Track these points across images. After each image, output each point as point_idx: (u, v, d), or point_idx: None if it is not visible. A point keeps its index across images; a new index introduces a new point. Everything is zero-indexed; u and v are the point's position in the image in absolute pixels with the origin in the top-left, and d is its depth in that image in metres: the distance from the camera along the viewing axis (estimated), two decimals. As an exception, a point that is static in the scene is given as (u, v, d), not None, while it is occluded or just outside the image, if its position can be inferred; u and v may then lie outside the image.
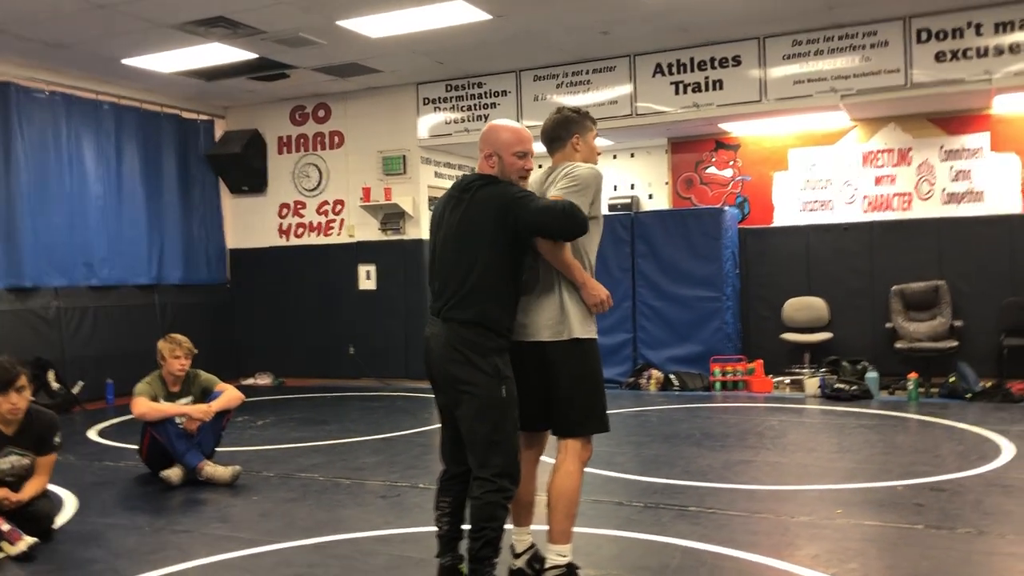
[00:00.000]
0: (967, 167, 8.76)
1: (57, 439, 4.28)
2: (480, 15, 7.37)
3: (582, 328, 3.26)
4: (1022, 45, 7.56)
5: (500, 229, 3.17)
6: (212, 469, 5.21)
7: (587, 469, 3.37)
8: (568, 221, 3.13)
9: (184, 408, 5.32)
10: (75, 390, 8.63)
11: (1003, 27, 7.61)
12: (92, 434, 7.15)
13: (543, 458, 3.51)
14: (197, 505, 4.84)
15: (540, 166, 3.51)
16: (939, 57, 7.82)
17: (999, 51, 7.63)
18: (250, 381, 10.57)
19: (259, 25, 7.54)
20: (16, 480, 4.13)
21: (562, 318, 3.25)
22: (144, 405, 5.24)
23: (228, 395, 5.51)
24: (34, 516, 4.09)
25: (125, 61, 8.52)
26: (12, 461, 4.13)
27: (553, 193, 3.27)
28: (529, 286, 3.31)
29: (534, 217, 3.14)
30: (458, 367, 3.19)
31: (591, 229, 3.27)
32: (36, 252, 8.53)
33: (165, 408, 5.27)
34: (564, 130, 3.48)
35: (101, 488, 5.26)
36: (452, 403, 3.27)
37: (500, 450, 3.17)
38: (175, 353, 5.44)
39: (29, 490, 4.12)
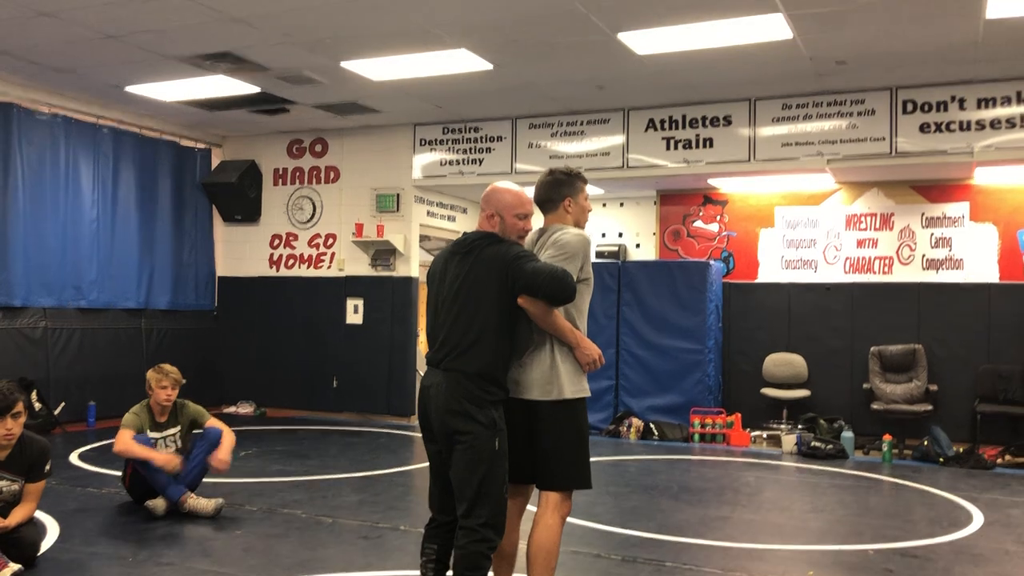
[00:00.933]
0: (947, 235, 8.99)
1: (47, 467, 4.33)
2: (483, 64, 7.56)
3: (572, 388, 3.38)
4: (1002, 121, 7.82)
5: (502, 287, 3.31)
6: (195, 502, 5.25)
7: (567, 519, 3.46)
8: (558, 285, 3.25)
9: (154, 456, 5.23)
10: (56, 411, 8.63)
11: (985, 103, 7.88)
12: (73, 458, 7.15)
13: (528, 507, 3.60)
14: (180, 538, 4.88)
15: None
16: (923, 128, 8.07)
17: (980, 125, 7.89)
18: (231, 409, 10.58)
19: (265, 62, 7.69)
20: (4, 506, 4.17)
21: (552, 377, 3.37)
22: (123, 443, 5.24)
23: (225, 441, 5.51)
24: (19, 542, 4.12)
25: (128, 88, 8.65)
26: (2, 487, 4.17)
27: (543, 260, 3.39)
28: (522, 344, 3.42)
29: (528, 279, 3.27)
30: (458, 418, 3.29)
31: (582, 291, 3.41)
32: (28, 272, 8.59)
33: (140, 451, 5.25)
34: (556, 192, 3.60)
35: (84, 515, 5.29)
36: (446, 452, 3.36)
37: (488, 501, 3.26)
38: (162, 383, 5.48)
39: (16, 516, 4.16)
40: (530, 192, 3.56)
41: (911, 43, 6.91)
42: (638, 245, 10.56)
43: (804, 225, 9.58)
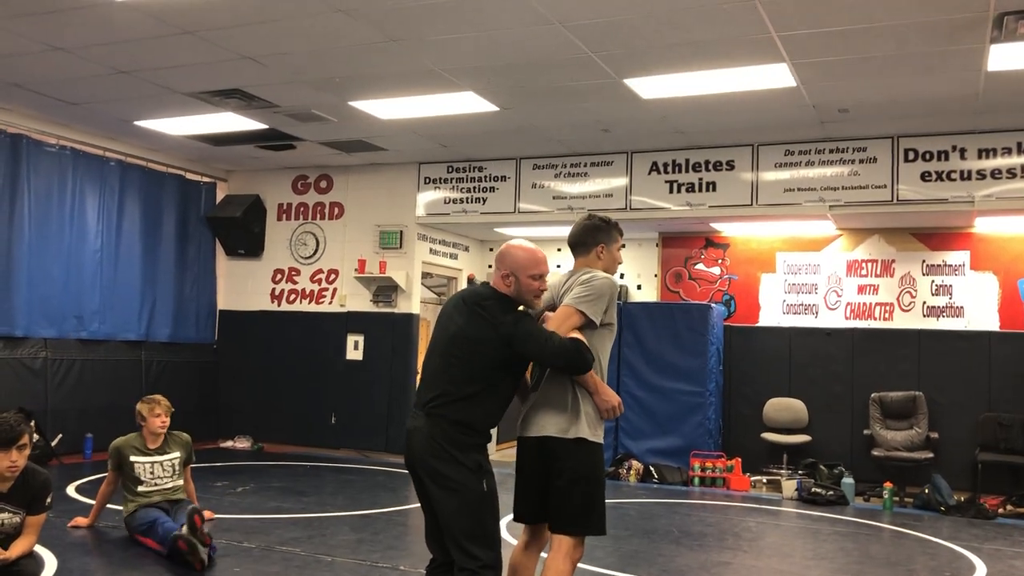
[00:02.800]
0: (948, 282, 9.03)
1: (49, 500, 4.31)
2: (489, 106, 7.65)
3: (590, 431, 3.38)
4: (1003, 171, 7.90)
5: (497, 353, 3.34)
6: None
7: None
8: (570, 359, 3.31)
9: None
10: (54, 443, 8.59)
11: (985, 153, 7.96)
12: (71, 490, 7.11)
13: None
14: (178, 574, 4.83)
15: (559, 266, 3.69)
16: (924, 176, 8.15)
17: (981, 175, 7.97)
18: (229, 444, 10.53)
19: (274, 100, 7.78)
20: (5, 538, 4.14)
21: (572, 417, 3.37)
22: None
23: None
24: (19, 575, 4.09)
25: (137, 122, 8.73)
26: (3, 519, 4.15)
27: (568, 300, 3.42)
28: (540, 383, 3.45)
29: (535, 351, 3.35)
30: (442, 463, 3.32)
31: (605, 335, 3.46)
32: (30, 302, 8.60)
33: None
34: (591, 237, 3.63)
35: (81, 550, 5.25)
36: (432, 496, 3.37)
37: (483, 543, 3.28)
38: (155, 411, 5.61)
39: (17, 549, 4.13)
40: (551, 247, 3.61)
41: (913, 94, 7.00)
42: (639, 286, 10.59)
43: (805, 270, 9.62)
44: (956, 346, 8.82)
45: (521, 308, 3.50)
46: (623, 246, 3.72)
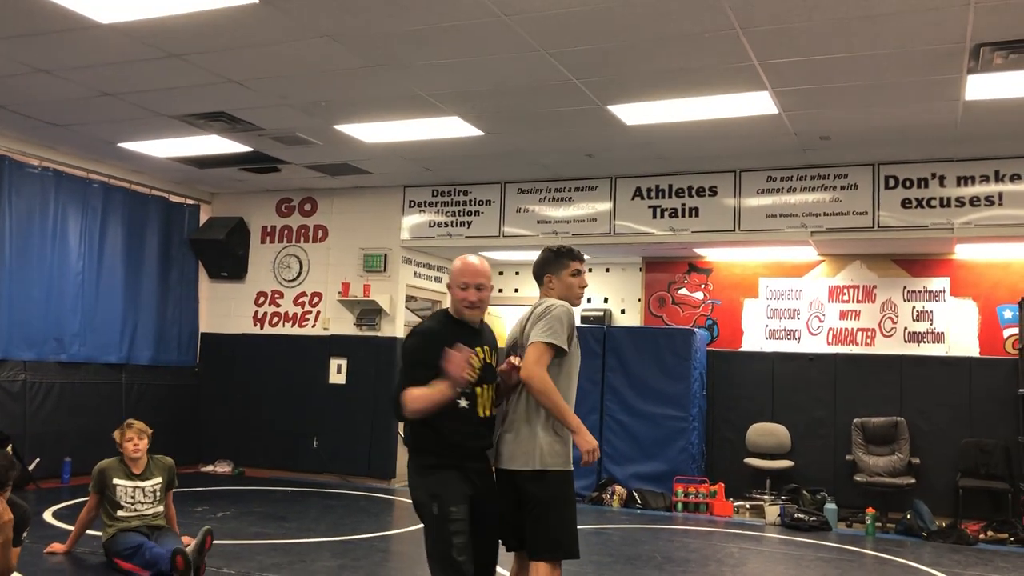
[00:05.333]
0: (929, 308, 9.10)
1: (25, 534, 4.24)
2: (474, 131, 7.68)
3: (551, 460, 3.43)
4: (981, 198, 8.00)
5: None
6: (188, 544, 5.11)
7: None
8: (393, 407, 3.44)
9: None
10: (31, 467, 8.48)
11: (965, 180, 8.06)
12: (48, 516, 7.01)
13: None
14: (155, 601, 4.78)
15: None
16: (905, 203, 8.23)
17: (960, 202, 8.06)
18: (209, 468, 10.44)
19: (259, 123, 7.78)
20: (-22, 568, 4.08)
21: (531, 448, 3.44)
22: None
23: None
24: (-8, 606, 4.03)
25: (121, 144, 8.71)
26: (-23, 549, 4.08)
27: (534, 337, 3.47)
28: (506, 415, 3.52)
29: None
30: (412, 490, 3.48)
31: (571, 359, 3.52)
32: (10, 324, 8.51)
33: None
34: (540, 270, 3.76)
35: (57, 576, 5.17)
36: None
37: (439, 566, 3.33)
38: (127, 436, 5.60)
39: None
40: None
41: (893, 122, 7.09)
42: (623, 311, 10.62)
43: (788, 296, 9.68)
44: (937, 372, 8.88)
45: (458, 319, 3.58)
46: (580, 271, 3.70)
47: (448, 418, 3.38)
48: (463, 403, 3.40)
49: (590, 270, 10.74)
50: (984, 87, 6.16)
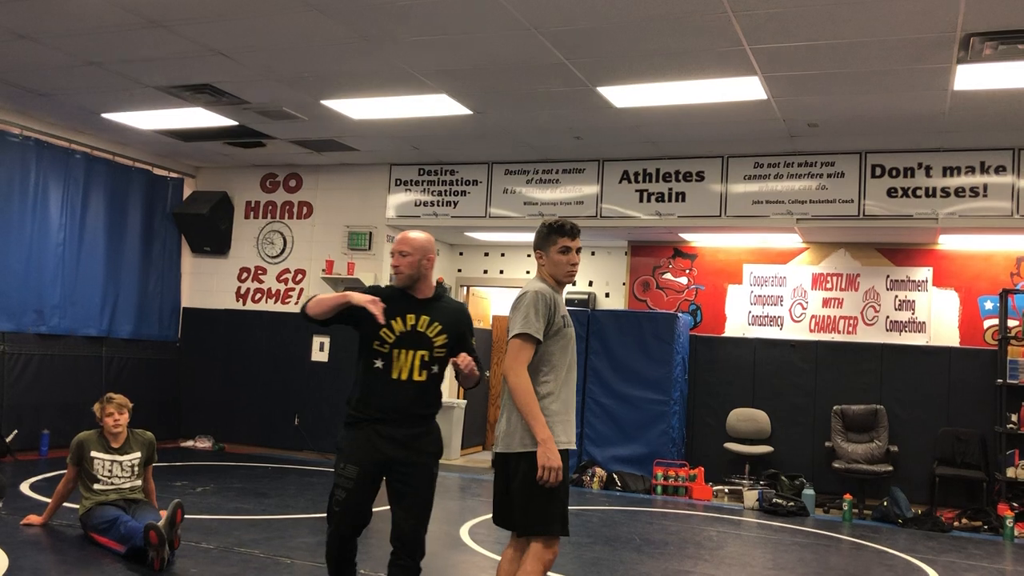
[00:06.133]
0: (911, 298, 9.15)
1: (0, 505, 4.19)
2: (462, 110, 7.64)
3: (532, 443, 3.38)
4: (966, 189, 8.03)
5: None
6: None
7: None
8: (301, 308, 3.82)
9: None
10: (9, 439, 8.42)
11: (950, 171, 8.09)
12: (24, 488, 6.96)
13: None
14: (134, 574, 4.75)
15: (528, 272, 3.70)
16: (891, 192, 8.26)
17: (945, 193, 8.09)
18: (189, 443, 10.40)
19: (244, 96, 7.70)
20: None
21: (510, 431, 3.47)
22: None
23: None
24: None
25: (105, 115, 8.60)
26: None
27: (511, 332, 3.51)
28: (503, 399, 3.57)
29: None
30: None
31: (554, 344, 3.48)
32: (-12, 295, 8.44)
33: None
34: (534, 248, 3.70)
35: (34, 548, 5.13)
36: None
37: (328, 513, 3.74)
38: (107, 410, 5.53)
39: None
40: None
41: (881, 110, 7.10)
42: (607, 295, 10.62)
43: (772, 282, 9.70)
44: (917, 361, 8.94)
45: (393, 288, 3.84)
46: (569, 248, 3.59)
47: (366, 377, 3.67)
48: (378, 363, 3.63)
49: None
50: (973, 77, 6.18)
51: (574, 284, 3.66)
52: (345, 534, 3.76)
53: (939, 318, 9.05)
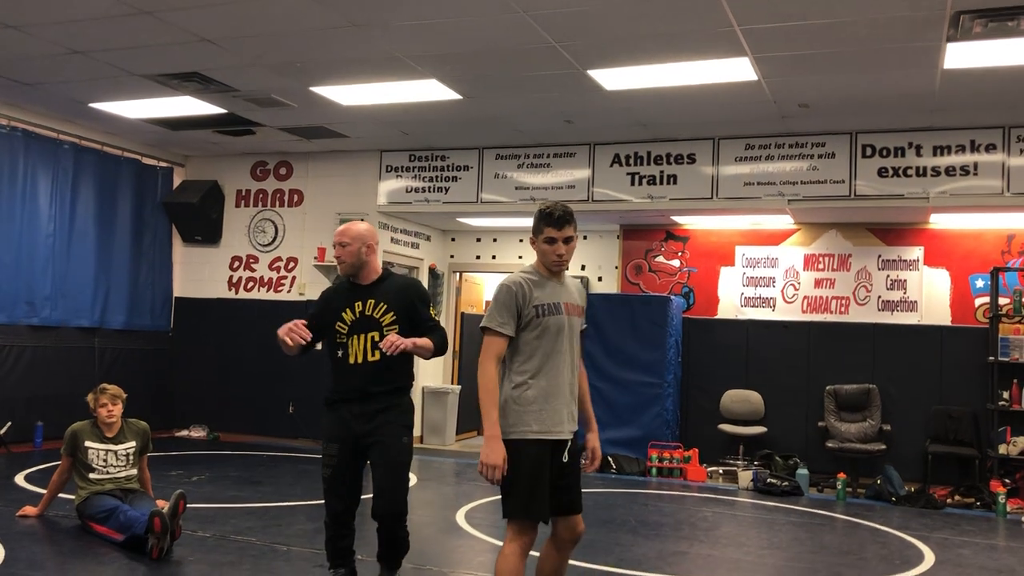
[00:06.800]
0: (903, 277, 9.18)
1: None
2: (452, 95, 7.61)
3: (506, 429, 3.37)
4: (957, 168, 8.05)
5: None
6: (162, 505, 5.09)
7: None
8: None
9: None
10: (2, 431, 8.41)
11: (940, 150, 8.10)
12: (19, 479, 6.97)
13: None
14: (131, 564, 4.75)
15: (520, 257, 3.68)
16: (882, 172, 8.27)
17: (936, 172, 8.11)
18: (184, 433, 10.40)
19: (233, 83, 7.66)
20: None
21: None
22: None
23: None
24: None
25: (92, 104, 8.54)
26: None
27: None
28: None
29: None
30: None
31: (529, 337, 3.41)
32: (-22, 287, 8.40)
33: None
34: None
35: (30, 539, 5.14)
36: None
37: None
38: (101, 401, 5.54)
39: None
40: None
41: (871, 90, 7.10)
42: (600, 278, 10.63)
43: (764, 264, 9.72)
44: (909, 340, 8.98)
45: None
46: (554, 239, 3.43)
47: (332, 365, 4.07)
48: (339, 352, 4.02)
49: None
50: (963, 55, 6.17)
51: (566, 270, 3.56)
52: (336, 509, 4.08)
53: (931, 297, 9.08)
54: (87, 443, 5.44)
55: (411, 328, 3.99)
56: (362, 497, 4.22)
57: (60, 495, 5.69)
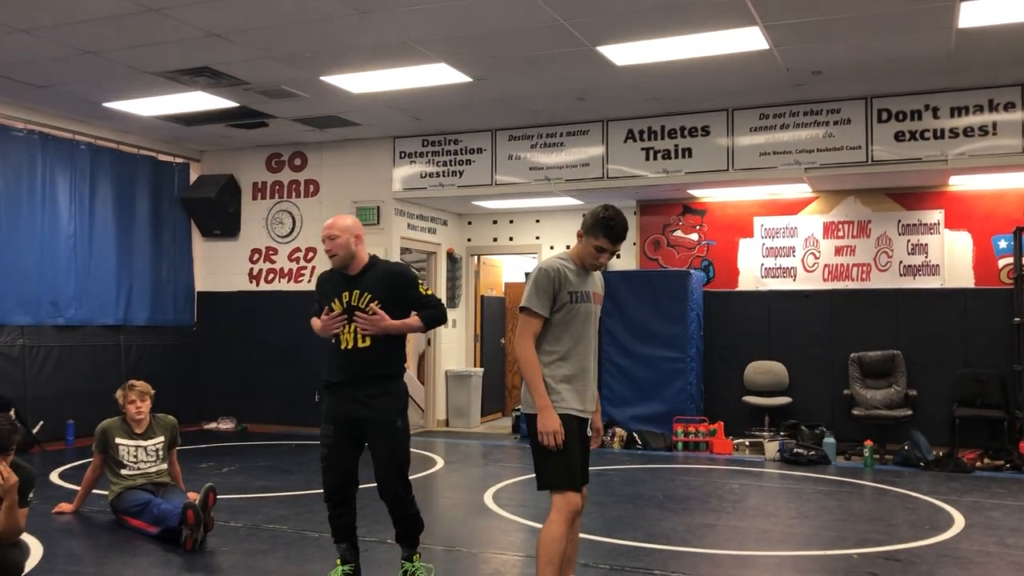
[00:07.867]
0: (923, 241, 9.10)
1: (31, 495, 4.26)
2: (462, 78, 7.59)
3: (529, 407, 3.65)
4: (975, 129, 7.95)
5: None
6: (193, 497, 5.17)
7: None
8: None
9: None
10: (35, 430, 8.53)
11: (957, 111, 8.00)
12: (54, 477, 7.08)
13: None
14: (166, 556, 4.83)
15: (537, 237, 3.75)
16: (898, 136, 8.18)
17: (954, 133, 8.01)
18: (212, 425, 10.51)
19: (244, 77, 7.68)
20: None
21: (524, 395, 3.69)
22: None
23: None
24: (3, 564, 4.06)
25: (106, 104, 8.60)
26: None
27: None
28: None
29: None
30: None
31: (560, 320, 3.61)
32: (4, 289, 8.50)
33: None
34: (583, 222, 3.72)
35: (68, 536, 5.23)
36: None
37: None
38: (129, 398, 5.62)
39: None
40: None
41: (885, 53, 7.01)
42: (618, 256, 10.58)
43: (783, 234, 9.66)
44: (933, 304, 8.91)
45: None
46: (604, 249, 3.62)
47: (331, 351, 4.23)
48: (334, 339, 4.18)
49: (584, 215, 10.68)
50: (977, 14, 6.08)
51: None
52: (332, 486, 4.21)
53: (953, 260, 8.99)
54: (117, 440, 5.52)
55: (404, 312, 4.17)
56: (362, 487, 4.29)
57: (94, 491, 5.78)
